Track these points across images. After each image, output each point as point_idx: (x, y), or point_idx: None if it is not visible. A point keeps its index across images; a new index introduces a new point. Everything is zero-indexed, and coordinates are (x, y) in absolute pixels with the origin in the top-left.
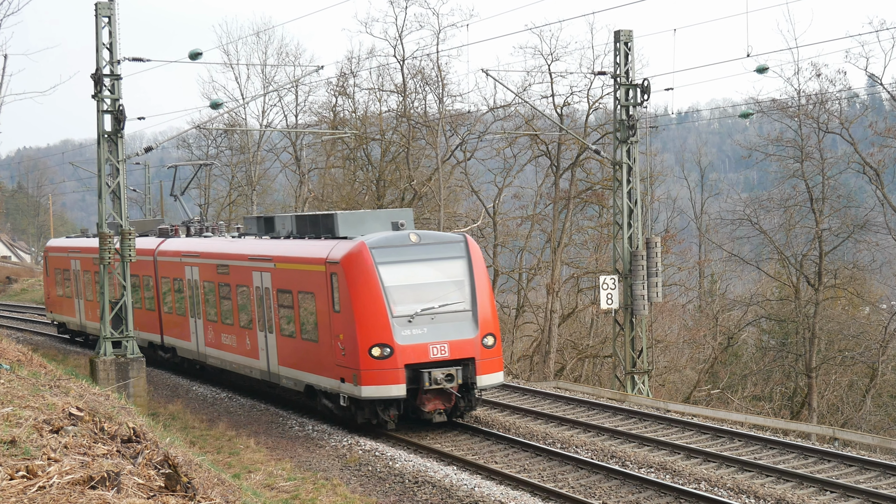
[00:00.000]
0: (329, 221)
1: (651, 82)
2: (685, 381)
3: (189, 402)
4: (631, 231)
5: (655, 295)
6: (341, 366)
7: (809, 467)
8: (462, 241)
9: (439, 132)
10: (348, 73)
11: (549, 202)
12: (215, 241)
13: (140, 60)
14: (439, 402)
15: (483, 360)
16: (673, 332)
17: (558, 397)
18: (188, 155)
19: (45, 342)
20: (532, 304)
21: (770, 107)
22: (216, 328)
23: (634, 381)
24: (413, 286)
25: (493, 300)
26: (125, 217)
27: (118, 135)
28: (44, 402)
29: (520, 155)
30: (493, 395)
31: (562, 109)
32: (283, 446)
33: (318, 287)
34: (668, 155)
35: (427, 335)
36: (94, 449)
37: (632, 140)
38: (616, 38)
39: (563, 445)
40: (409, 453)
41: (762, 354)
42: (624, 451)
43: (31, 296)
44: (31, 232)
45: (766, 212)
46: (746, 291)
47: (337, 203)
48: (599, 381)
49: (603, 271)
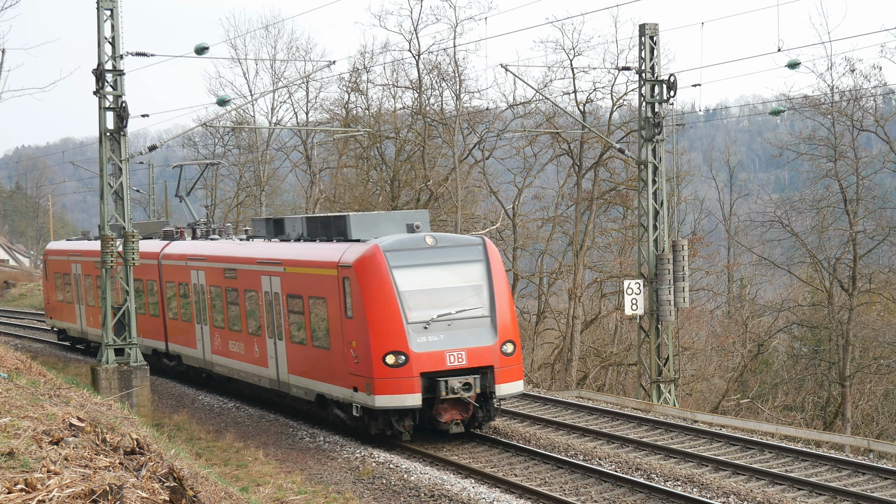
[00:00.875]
0: (341, 223)
1: (678, 78)
2: (713, 391)
3: (195, 412)
4: (657, 233)
5: (682, 300)
6: (354, 374)
7: (843, 480)
8: (480, 243)
9: (456, 130)
10: (361, 68)
11: (572, 203)
12: (222, 244)
13: (144, 55)
14: (456, 413)
15: (502, 369)
16: (700, 339)
17: (581, 407)
18: (194, 154)
19: (44, 349)
20: (553, 310)
21: (802, 104)
22: (223, 335)
23: (660, 390)
24: (429, 291)
25: (512, 306)
26: (128, 219)
27: (121, 133)
28: (43, 412)
29: (540, 154)
30: (513, 404)
31: (584, 106)
32: (294, 458)
33: (330, 292)
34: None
35: (443, 342)
36: (95, 461)
37: (657, 138)
38: (641, 31)
39: (585, 457)
40: (425, 466)
41: (794, 362)
42: (649, 463)
43: (29, 301)
44: (30, 234)
45: (797, 213)
46: (777, 297)
47: (349, 204)
48: (624, 390)
49: (627, 275)
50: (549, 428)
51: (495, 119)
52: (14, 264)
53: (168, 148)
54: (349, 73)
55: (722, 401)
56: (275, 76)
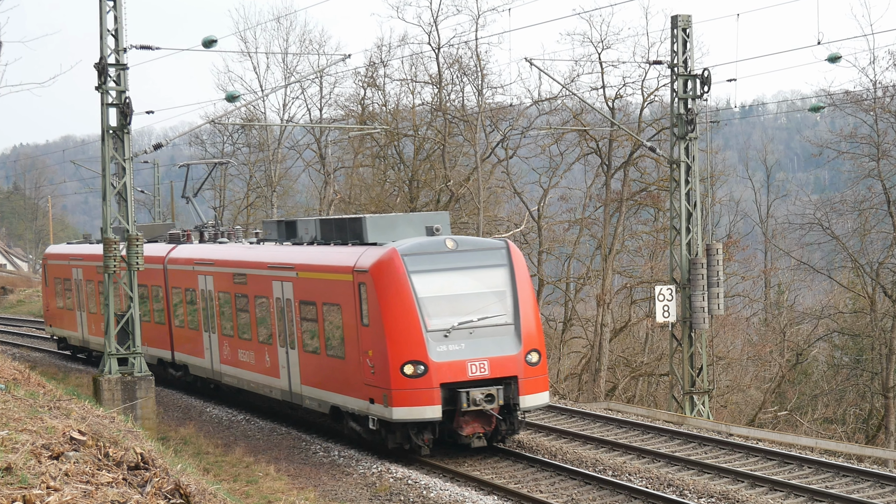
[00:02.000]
0: (357, 226)
1: (712, 72)
2: (749, 402)
3: (202, 424)
4: (689, 237)
5: (717, 307)
6: (370, 385)
7: (887, 497)
8: (503, 247)
9: (478, 127)
10: (378, 62)
11: (600, 205)
12: (231, 248)
13: (149, 48)
14: (478, 425)
15: (527, 379)
16: (736, 347)
17: (609, 420)
18: (201, 153)
19: (43, 359)
20: (581, 317)
21: (843, 99)
22: (232, 343)
23: (693, 401)
24: (449, 297)
25: (537, 313)
26: (132, 221)
27: (124, 130)
28: (42, 424)
29: (567, 153)
30: (538, 417)
31: (613, 102)
32: (307, 474)
33: (345, 298)
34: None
35: (465, 351)
36: (97, 477)
37: (690, 136)
38: (673, 23)
39: (614, 473)
40: (446, 482)
41: (834, 373)
42: (682, 479)
43: (28, 308)
44: (29, 237)
45: (838, 215)
46: (817, 303)
47: (365, 206)
48: (655, 401)
49: (659, 281)
50: (577, 442)
51: (519, 116)
52: (12, 269)
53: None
54: (365, 68)
55: (758, 413)
56: (287, 70)
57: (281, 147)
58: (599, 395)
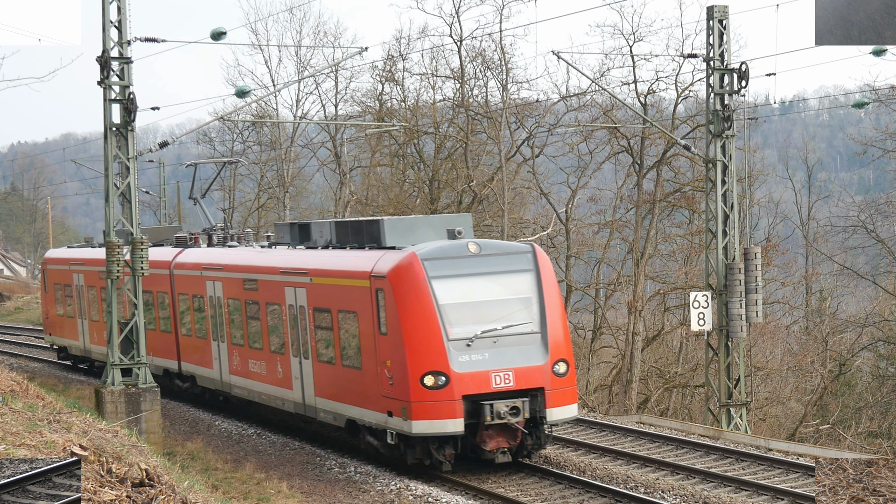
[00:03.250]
0: (374, 229)
1: (750, 66)
2: (789, 416)
3: (211, 439)
4: (726, 240)
5: (755, 314)
6: (388, 397)
7: None
8: (529, 251)
9: (503, 124)
10: (397, 55)
11: (631, 206)
12: (241, 252)
13: (154, 41)
14: (503, 440)
15: (554, 391)
16: (775, 357)
17: (642, 434)
18: (210, 151)
19: (42, 369)
20: (611, 326)
21: (888, 95)
22: (242, 353)
23: (730, 414)
24: (472, 304)
25: (565, 321)
26: (136, 224)
27: (128, 127)
28: (41, 439)
29: (597, 151)
30: (566, 430)
31: (646, 98)
32: (321, 491)
33: (362, 305)
34: (770, 151)
35: (488, 361)
36: (99, 494)
37: (727, 134)
38: (709, 14)
39: (647, 490)
40: (468, 499)
41: (879, 384)
42: (718, 496)
43: (26, 315)
44: (27, 241)
45: (883, 217)
46: (861, 310)
47: (383, 207)
48: (689, 414)
49: (694, 287)
50: (607, 457)
51: (546, 112)
52: (9, 274)
53: (181, 144)
54: (383, 61)
55: (799, 427)
56: (300, 64)
57: (294, 145)
58: (631, 408)
